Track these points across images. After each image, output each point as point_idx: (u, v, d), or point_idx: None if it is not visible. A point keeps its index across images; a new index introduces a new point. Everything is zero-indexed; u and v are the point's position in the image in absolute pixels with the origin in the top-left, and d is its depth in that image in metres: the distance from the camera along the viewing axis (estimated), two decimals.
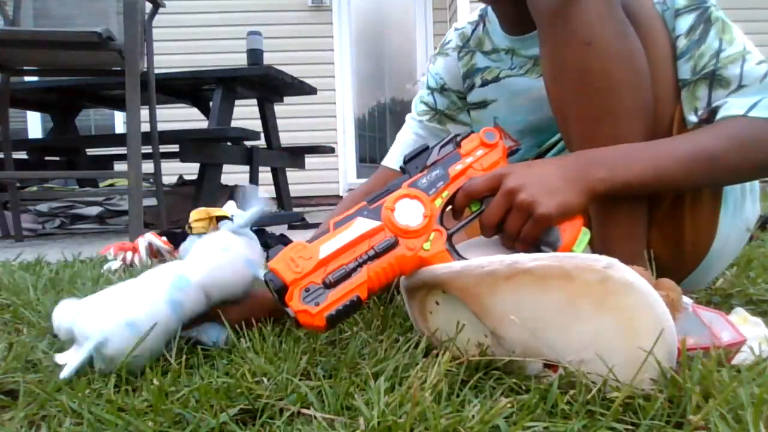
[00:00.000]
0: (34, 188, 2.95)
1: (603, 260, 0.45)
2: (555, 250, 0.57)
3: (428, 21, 4.77)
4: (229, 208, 0.92)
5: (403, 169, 0.62)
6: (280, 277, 0.51)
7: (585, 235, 0.58)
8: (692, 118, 0.66)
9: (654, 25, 0.66)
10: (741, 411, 0.40)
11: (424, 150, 0.63)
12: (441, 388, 0.45)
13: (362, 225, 0.55)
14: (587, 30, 0.60)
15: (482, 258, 0.50)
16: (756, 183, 0.73)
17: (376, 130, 5.10)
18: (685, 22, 0.66)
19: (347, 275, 0.52)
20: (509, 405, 0.42)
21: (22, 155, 2.74)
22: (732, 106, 0.63)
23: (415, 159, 0.62)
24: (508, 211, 0.58)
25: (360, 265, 0.53)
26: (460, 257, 0.56)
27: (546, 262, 0.46)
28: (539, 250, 0.56)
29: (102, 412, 0.44)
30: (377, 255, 0.54)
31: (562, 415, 0.42)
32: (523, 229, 0.58)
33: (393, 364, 0.50)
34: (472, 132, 0.65)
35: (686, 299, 0.58)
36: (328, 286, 0.51)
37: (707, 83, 0.65)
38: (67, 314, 0.55)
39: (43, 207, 2.71)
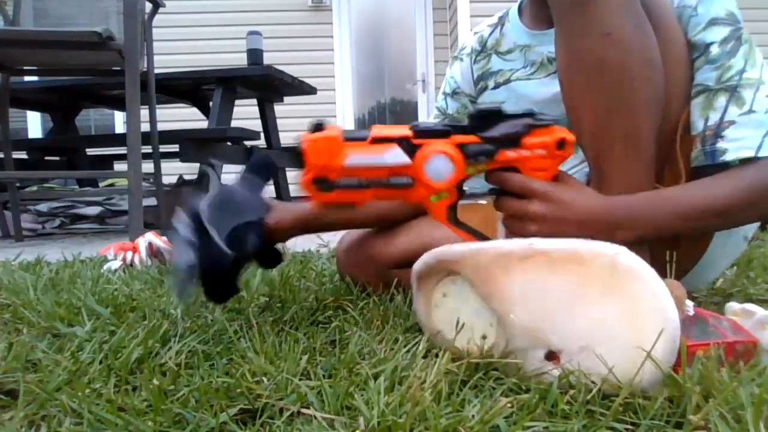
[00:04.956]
0: (34, 188, 2.95)
1: (613, 247, 0.47)
2: None
3: (428, 21, 4.77)
4: None
5: (470, 117, 0.61)
6: (306, 157, 0.59)
7: None
8: (699, 126, 0.66)
9: (670, 24, 0.67)
10: (741, 411, 0.40)
11: (497, 114, 0.60)
12: (441, 388, 0.45)
13: (395, 156, 0.59)
14: (606, 21, 0.60)
15: (498, 240, 0.53)
16: None
17: None
18: (720, 32, 0.67)
19: (356, 187, 0.59)
20: (509, 405, 0.42)
21: (22, 155, 2.74)
22: (742, 147, 0.64)
23: (486, 118, 0.60)
24: (515, 221, 0.62)
25: (371, 185, 0.59)
26: (457, 221, 0.60)
27: (560, 246, 0.48)
28: None
29: (102, 412, 0.44)
30: (390, 186, 0.59)
31: (562, 415, 0.42)
32: (516, 235, 0.61)
33: (393, 364, 0.50)
34: (553, 125, 0.60)
35: (688, 302, 0.58)
36: (338, 187, 0.59)
37: (727, 96, 0.66)
38: None
39: (43, 207, 2.71)
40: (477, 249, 0.52)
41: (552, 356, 0.48)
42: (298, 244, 1.66)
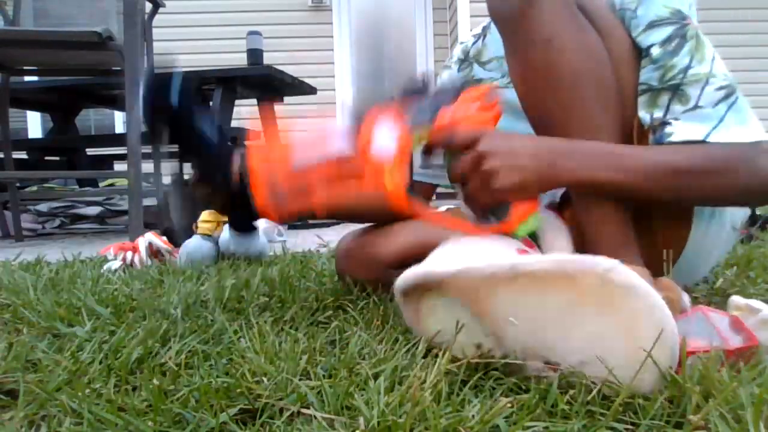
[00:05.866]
0: (34, 188, 2.95)
1: (604, 263, 0.44)
2: (499, 222, 0.60)
3: (428, 21, 4.77)
4: None
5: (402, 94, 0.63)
6: (251, 173, 0.60)
7: (534, 220, 0.61)
8: (647, 119, 0.67)
9: (611, 24, 0.68)
10: (741, 411, 0.40)
11: (426, 85, 0.64)
12: (441, 388, 0.45)
13: (337, 146, 0.61)
14: (546, 29, 0.63)
15: (480, 260, 0.49)
16: None
17: None
18: (662, 33, 0.67)
19: (307, 189, 0.60)
20: (509, 405, 0.42)
21: (22, 155, 2.74)
22: (688, 130, 0.64)
23: (415, 90, 0.63)
24: (473, 171, 0.61)
25: (321, 181, 0.60)
26: (419, 204, 0.60)
27: (547, 266, 0.46)
28: (485, 218, 0.60)
29: (102, 412, 0.44)
30: (340, 177, 0.60)
31: (562, 415, 0.42)
32: (480, 193, 0.61)
33: (393, 364, 0.50)
34: (479, 85, 0.66)
35: (685, 298, 0.58)
36: (291, 193, 0.60)
37: (669, 95, 0.66)
38: None
39: (43, 207, 2.71)
40: (456, 273, 0.49)
41: (551, 365, 0.48)
42: (297, 244, 1.67)
